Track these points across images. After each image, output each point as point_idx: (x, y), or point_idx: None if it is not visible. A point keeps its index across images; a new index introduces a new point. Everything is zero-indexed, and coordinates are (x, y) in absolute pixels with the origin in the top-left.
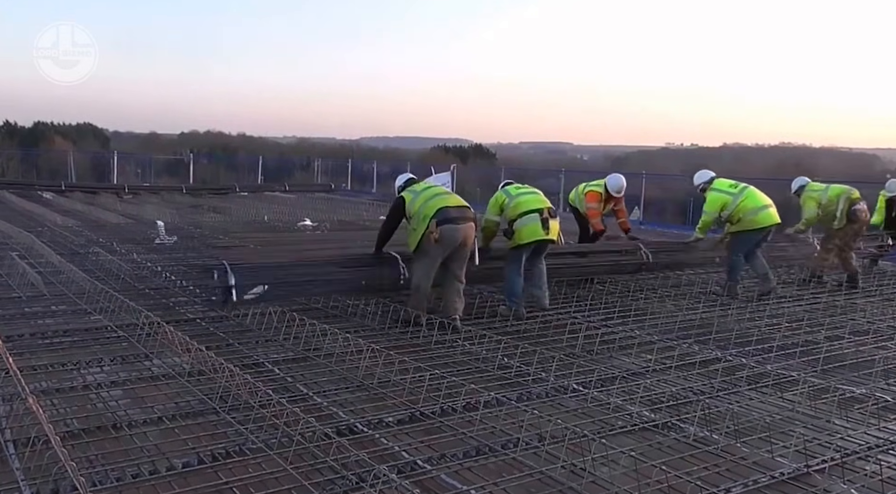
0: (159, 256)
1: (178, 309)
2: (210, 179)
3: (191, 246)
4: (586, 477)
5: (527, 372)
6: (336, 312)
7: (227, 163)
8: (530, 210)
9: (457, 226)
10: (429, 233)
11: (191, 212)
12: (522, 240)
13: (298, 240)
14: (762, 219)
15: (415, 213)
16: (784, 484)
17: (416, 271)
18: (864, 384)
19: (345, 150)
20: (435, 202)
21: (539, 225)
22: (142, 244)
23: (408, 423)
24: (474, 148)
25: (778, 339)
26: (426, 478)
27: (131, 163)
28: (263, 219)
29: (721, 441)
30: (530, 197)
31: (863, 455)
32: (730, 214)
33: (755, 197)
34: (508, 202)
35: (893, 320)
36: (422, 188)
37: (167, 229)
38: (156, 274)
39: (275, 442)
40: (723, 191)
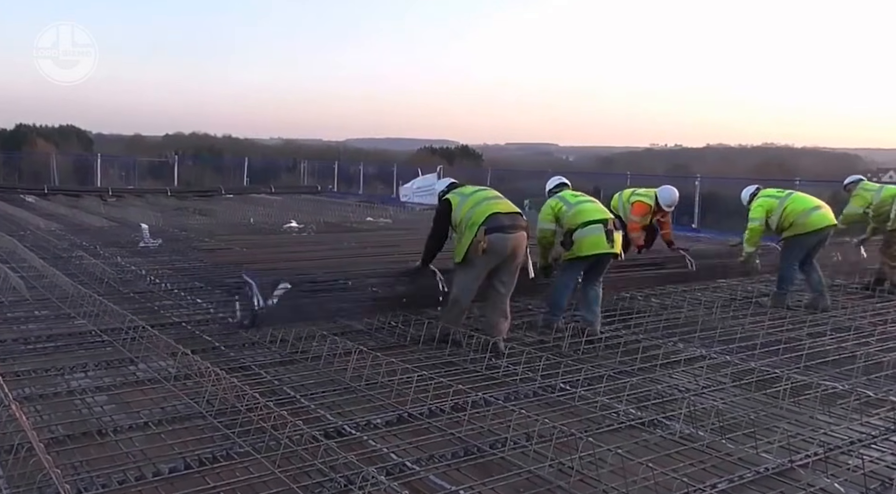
0: (144, 259)
1: (163, 313)
2: (195, 181)
3: (176, 249)
4: (574, 476)
5: (514, 372)
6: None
7: (212, 165)
8: (594, 220)
9: (507, 236)
10: (476, 242)
11: (175, 215)
12: (583, 252)
13: (285, 243)
14: (815, 220)
15: (462, 219)
16: (768, 479)
17: (457, 283)
18: (845, 380)
19: (331, 152)
20: (485, 207)
21: (603, 236)
22: (126, 247)
23: (396, 425)
24: (461, 149)
25: (761, 337)
26: (415, 479)
27: (115, 166)
28: (249, 222)
29: (706, 437)
30: (591, 205)
31: (845, 449)
32: (779, 221)
33: (803, 199)
34: (567, 210)
35: (874, 317)
36: (470, 191)
37: (152, 232)
38: (140, 277)
39: (262, 446)
40: (768, 196)
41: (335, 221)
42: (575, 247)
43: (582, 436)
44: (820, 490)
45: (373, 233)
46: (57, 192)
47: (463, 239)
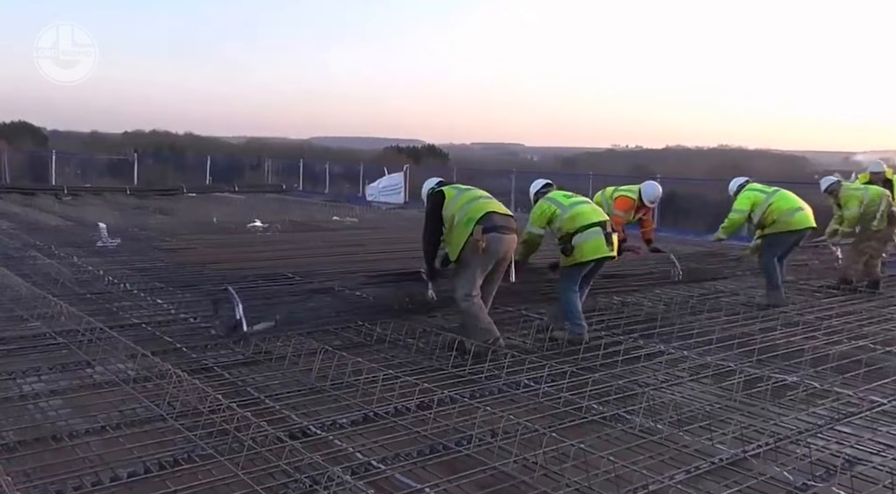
0: (101, 259)
1: (122, 315)
2: (156, 180)
3: (136, 248)
4: (538, 471)
5: (480, 370)
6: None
7: (174, 164)
8: (592, 223)
9: (502, 236)
10: (473, 240)
11: (135, 214)
12: (585, 257)
13: (249, 242)
14: (798, 220)
15: (455, 215)
16: (723, 470)
17: (458, 292)
18: (794, 372)
19: (296, 150)
20: (480, 204)
21: (603, 240)
22: (83, 247)
23: (362, 424)
24: (427, 148)
25: (717, 332)
26: (380, 478)
27: (71, 164)
28: (212, 221)
29: (665, 430)
30: (586, 207)
31: (794, 439)
32: (762, 216)
33: (789, 198)
34: (562, 213)
35: (820, 312)
36: (465, 187)
37: (110, 231)
38: (98, 278)
39: (225, 448)
40: (756, 190)
41: (301, 220)
42: (576, 253)
43: (546, 432)
44: (770, 479)
45: (339, 233)
46: (10, 190)
47: (457, 235)
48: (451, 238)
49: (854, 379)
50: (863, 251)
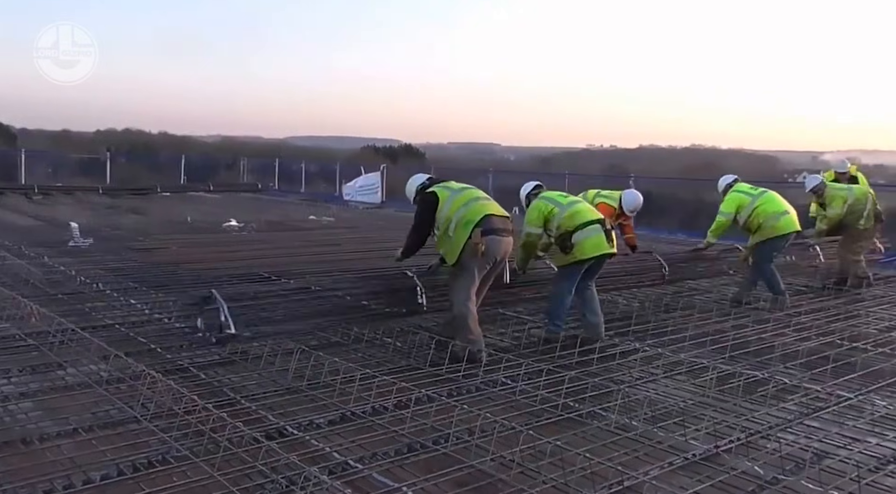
0: (73, 259)
1: (95, 315)
2: (129, 179)
3: (108, 248)
4: (515, 469)
5: (457, 368)
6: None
7: (147, 163)
8: (591, 221)
9: (501, 239)
10: (473, 244)
11: (108, 214)
12: (585, 255)
13: (225, 242)
14: (784, 225)
15: (451, 217)
16: (696, 465)
17: (455, 294)
18: (765, 368)
19: (272, 149)
20: (478, 206)
21: (603, 236)
22: (54, 247)
23: (339, 424)
24: (404, 148)
25: (690, 329)
26: (357, 478)
27: (42, 162)
28: (186, 220)
29: (640, 427)
30: (583, 206)
31: (765, 434)
32: (748, 219)
33: (775, 200)
34: (560, 212)
35: (790, 309)
36: (458, 187)
37: (82, 231)
38: (70, 278)
39: (201, 449)
40: (742, 191)
41: (277, 220)
42: (577, 250)
43: (522, 429)
44: (742, 473)
45: (316, 232)
46: None
47: (455, 238)
48: (449, 241)
49: (822, 375)
50: (856, 251)
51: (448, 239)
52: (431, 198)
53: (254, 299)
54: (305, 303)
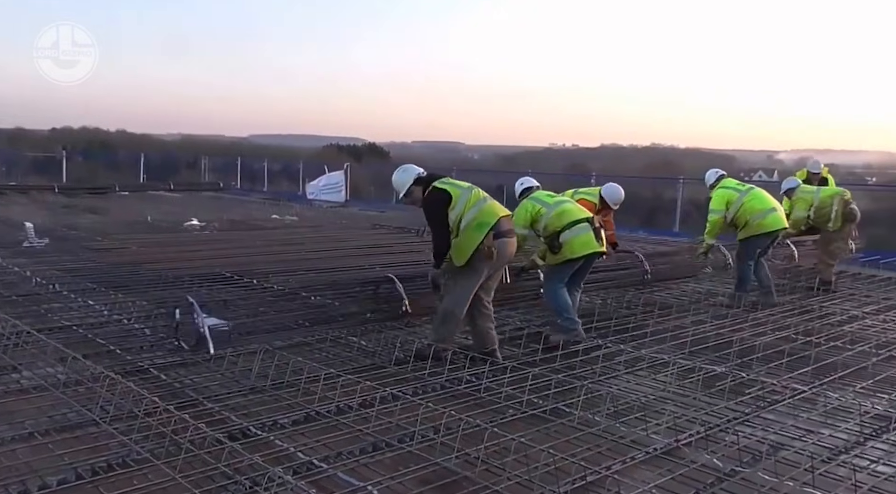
0: (29, 260)
1: (51, 317)
2: (86, 178)
3: (65, 248)
4: (479, 466)
5: (422, 367)
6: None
7: (105, 161)
8: (579, 220)
9: (509, 240)
10: (485, 248)
11: (64, 213)
12: (575, 254)
13: (186, 241)
14: (770, 222)
15: (463, 217)
16: (657, 459)
17: (453, 292)
18: (723, 363)
19: (234, 148)
20: (491, 207)
21: (592, 235)
22: (8, 248)
23: (303, 423)
24: (368, 146)
25: (651, 326)
26: (322, 477)
27: None
28: (146, 220)
29: (602, 422)
30: (571, 205)
31: (723, 427)
32: (735, 215)
33: (762, 197)
34: (548, 212)
35: (747, 304)
36: (466, 186)
37: (37, 231)
38: (25, 279)
39: (162, 452)
40: (729, 187)
41: (239, 219)
42: (566, 249)
43: (487, 427)
44: (701, 466)
45: (279, 231)
46: None
47: (466, 240)
48: (459, 241)
49: (778, 369)
50: (833, 252)
51: (456, 239)
52: (444, 195)
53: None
54: (271, 304)
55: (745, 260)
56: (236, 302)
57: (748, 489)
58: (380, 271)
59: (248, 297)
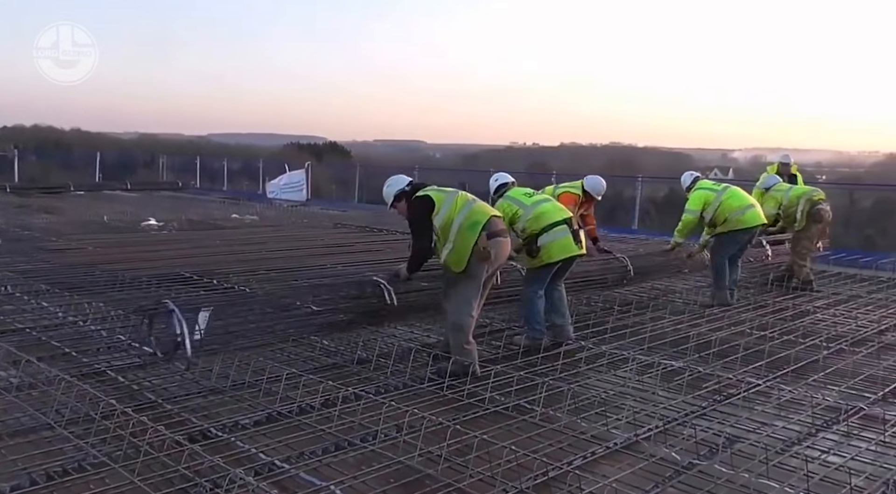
0: None
1: (3, 319)
2: (39, 177)
3: (18, 249)
4: (442, 463)
5: (385, 365)
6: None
7: (59, 160)
8: (557, 222)
9: (503, 240)
10: (481, 249)
11: (17, 213)
12: (553, 258)
13: (144, 242)
14: (749, 218)
15: (450, 220)
16: (617, 453)
17: (454, 302)
18: (681, 358)
19: (192, 147)
20: (480, 207)
21: (571, 238)
22: None
23: (265, 424)
24: (329, 145)
25: (611, 322)
26: (284, 478)
27: None
28: (103, 220)
29: (564, 418)
30: (549, 205)
31: (681, 421)
32: (714, 214)
33: (739, 195)
34: (524, 213)
35: (704, 300)
36: (451, 189)
37: None
38: None
39: (120, 455)
40: (706, 188)
41: (198, 219)
42: (544, 254)
43: (450, 424)
44: (660, 459)
45: (239, 231)
46: None
47: (460, 243)
48: (453, 246)
49: (733, 363)
50: (800, 252)
51: (448, 245)
52: (427, 201)
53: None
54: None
55: (720, 256)
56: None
57: (705, 481)
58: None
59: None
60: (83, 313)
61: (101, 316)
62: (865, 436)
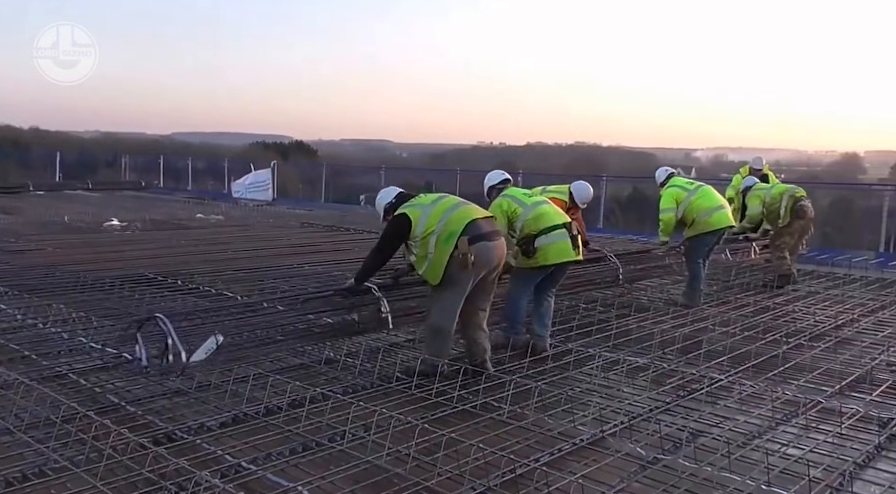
0: None
1: None
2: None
3: None
4: (411, 462)
5: (353, 365)
6: None
7: (17, 160)
8: (556, 225)
9: (491, 243)
10: (459, 255)
11: None
12: (548, 261)
13: (106, 242)
14: (716, 220)
15: (429, 233)
16: (583, 449)
17: (437, 307)
18: (646, 355)
19: (156, 146)
20: (459, 214)
21: (569, 243)
22: None
23: (231, 425)
24: (295, 144)
25: (577, 320)
26: (251, 479)
27: None
28: (63, 220)
29: (531, 415)
30: (548, 208)
31: (646, 416)
32: (684, 213)
33: (710, 196)
34: (524, 213)
35: (667, 297)
36: (431, 199)
37: None
38: None
39: (82, 459)
40: (678, 186)
41: (162, 219)
42: (539, 256)
43: (418, 423)
44: (626, 455)
45: (204, 231)
46: None
47: (437, 256)
48: (430, 259)
49: (696, 359)
50: (780, 247)
51: (427, 258)
52: (403, 221)
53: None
54: (196, 305)
55: (693, 259)
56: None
57: (669, 475)
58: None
59: (172, 298)
60: (43, 315)
61: (62, 319)
62: (823, 429)
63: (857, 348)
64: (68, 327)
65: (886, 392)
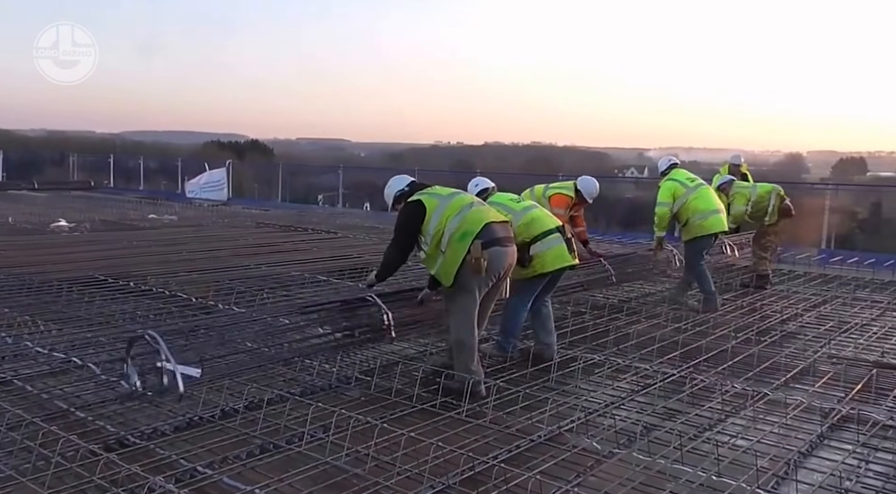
0: None
1: None
2: None
3: None
4: (370, 462)
5: (311, 366)
6: (101, 319)
7: None
8: (549, 230)
9: (505, 249)
10: (471, 260)
11: None
12: (546, 268)
13: (53, 244)
14: (711, 224)
15: (443, 229)
16: (541, 446)
17: (454, 320)
18: (601, 351)
19: (105, 145)
20: (476, 214)
21: (564, 247)
22: None
23: (186, 430)
24: (251, 143)
25: None
26: (207, 484)
27: None
28: (7, 221)
29: (489, 413)
30: (539, 212)
31: (602, 412)
32: (678, 211)
33: (707, 197)
34: (514, 220)
35: (624, 294)
36: (447, 192)
37: None
38: None
39: (28, 468)
40: (678, 180)
41: (113, 219)
42: (536, 264)
43: (377, 423)
44: (582, 450)
45: (157, 231)
46: None
47: (450, 255)
48: (442, 258)
49: (650, 354)
50: (765, 246)
51: (440, 256)
52: (418, 208)
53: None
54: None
55: (694, 262)
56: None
57: (624, 469)
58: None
59: (125, 300)
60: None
61: (7, 323)
62: (769, 420)
63: (800, 342)
64: (13, 331)
65: (828, 383)
